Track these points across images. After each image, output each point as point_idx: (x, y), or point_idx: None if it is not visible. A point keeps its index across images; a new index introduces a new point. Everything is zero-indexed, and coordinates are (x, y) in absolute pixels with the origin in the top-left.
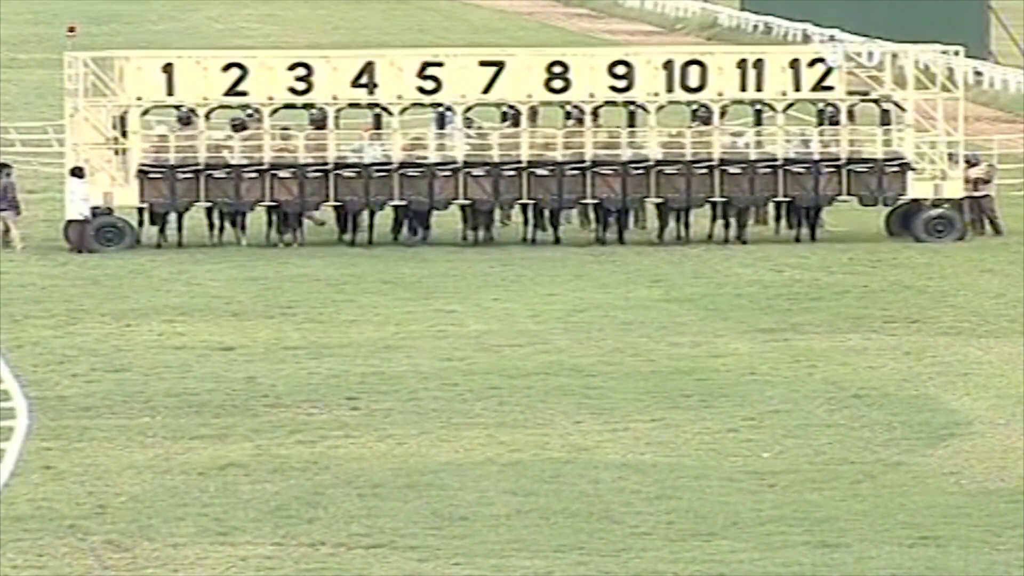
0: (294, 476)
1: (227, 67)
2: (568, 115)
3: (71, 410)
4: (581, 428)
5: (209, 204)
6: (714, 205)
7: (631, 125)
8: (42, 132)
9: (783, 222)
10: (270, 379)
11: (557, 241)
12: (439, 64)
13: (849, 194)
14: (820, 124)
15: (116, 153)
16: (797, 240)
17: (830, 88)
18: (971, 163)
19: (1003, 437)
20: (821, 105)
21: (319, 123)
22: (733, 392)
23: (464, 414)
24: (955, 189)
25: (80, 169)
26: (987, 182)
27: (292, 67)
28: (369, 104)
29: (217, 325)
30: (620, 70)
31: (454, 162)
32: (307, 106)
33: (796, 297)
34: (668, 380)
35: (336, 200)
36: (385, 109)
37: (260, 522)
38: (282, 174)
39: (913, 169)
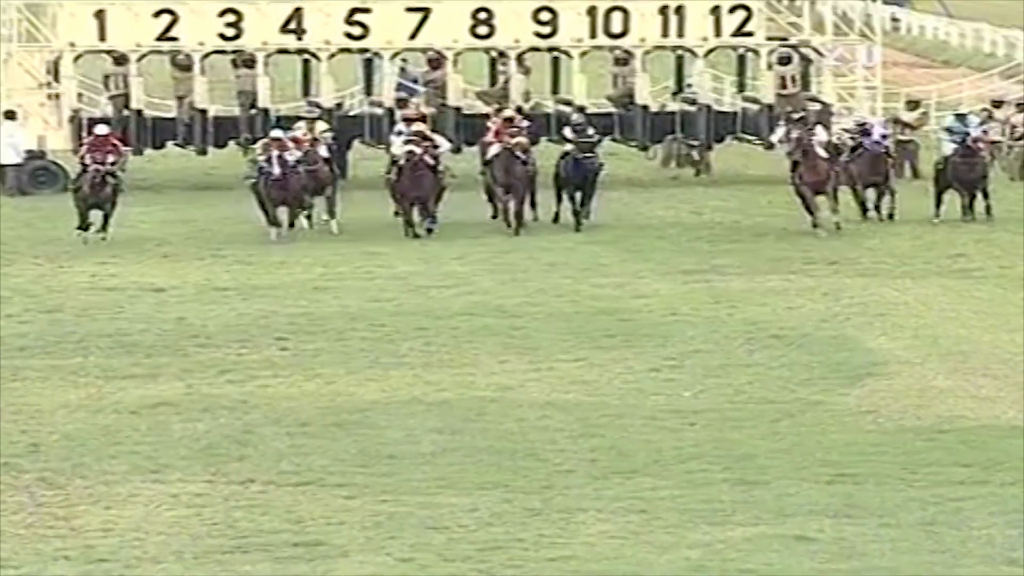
0: (224, 415)
1: (158, 13)
2: (493, 62)
3: (5, 350)
4: (506, 368)
5: None
6: None
7: (555, 71)
8: None
9: None
10: (200, 320)
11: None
12: (367, 10)
13: None
14: (740, 70)
15: (49, 98)
16: None
17: (750, 34)
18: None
19: (919, 376)
20: (741, 51)
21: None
22: (655, 332)
23: (391, 354)
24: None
25: (13, 112)
26: (916, 128)
27: (222, 13)
28: (298, 50)
29: (148, 267)
30: (544, 16)
31: None
32: (235, 52)
33: (716, 239)
34: (591, 321)
35: None
36: (313, 55)
37: (191, 460)
38: None
39: (833, 113)
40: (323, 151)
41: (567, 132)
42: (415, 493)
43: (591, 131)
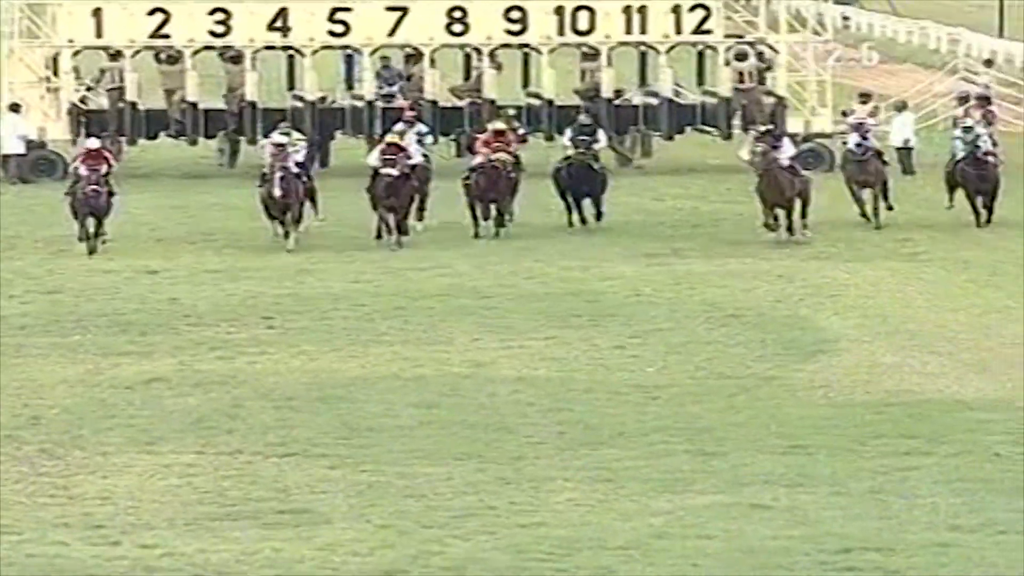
0: (214, 390)
1: (152, 12)
2: (467, 57)
3: (8, 329)
4: (479, 345)
5: None
6: None
7: (525, 66)
8: None
9: None
10: (192, 300)
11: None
12: (348, 9)
13: None
14: (700, 65)
15: (49, 91)
16: None
17: (709, 32)
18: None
19: (868, 353)
20: (701, 47)
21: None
22: (620, 312)
23: (371, 332)
24: (824, 124)
25: (17, 105)
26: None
27: (212, 12)
28: (283, 46)
29: (143, 250)
30: (515, 15)
31: None
32: (224, 48)
33: (677, 224)
34: (560, 301)
35: None
36: (298, 51)
37: (183, 432)
38: None
39: (786, 106)
40: (299, 158)
41: (568, 135)
42: (394, 463)
43: (599, 134)
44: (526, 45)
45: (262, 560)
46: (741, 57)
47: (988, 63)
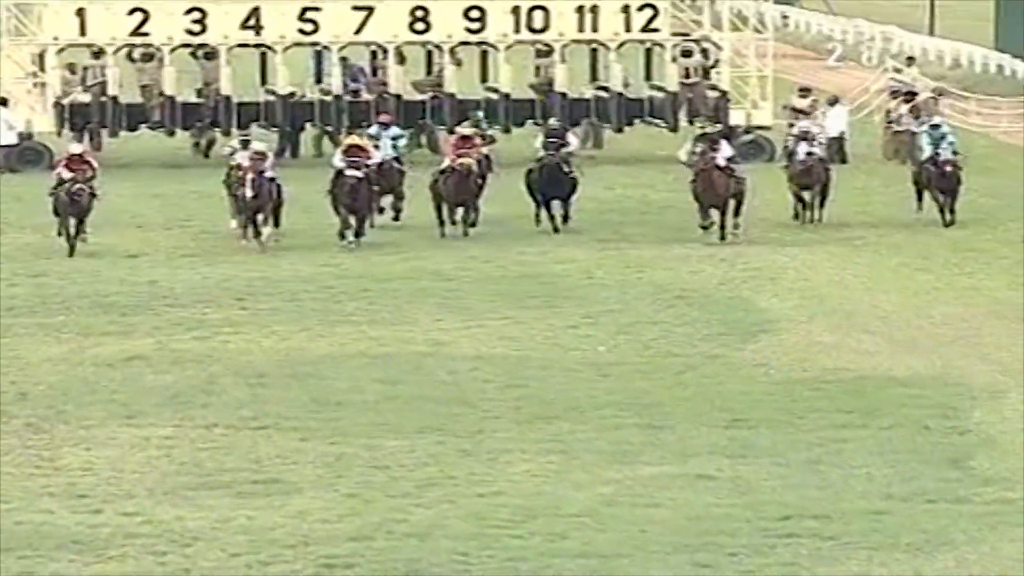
0: (190, 367)
1: (132, 11)
2: (429, 54)
3: None
4: (441, 325)
5: None
6: None
7: (483, 62)
8: None
9: None
10: (169, 283)
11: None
12: (317, 9)
13: None
14: (648, 61)
15: (35, 87)
16: None
17: (656, 30)
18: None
19: (806, 333)
20: (649, 44)
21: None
22: (573, 294)
23: (339, 313)
24: (765, 117)
25: (5, 99)
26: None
27: (189, 11)
28: (256, 44)
29: (123, 236)
30: (474, 14)
31: None
32: (200, 46)
33: (627, 212)
34: (517, 284)
35: None
36: (270, 48)
37: (161, 407)
38: None
39: (729, 100)
40: (268, 166)
41: (540, 139)
42: (360, 436)
43: (570, 139)
44: (484, 42)
45: (236, 527)
46: (687, 54)
47: (911, 60)
